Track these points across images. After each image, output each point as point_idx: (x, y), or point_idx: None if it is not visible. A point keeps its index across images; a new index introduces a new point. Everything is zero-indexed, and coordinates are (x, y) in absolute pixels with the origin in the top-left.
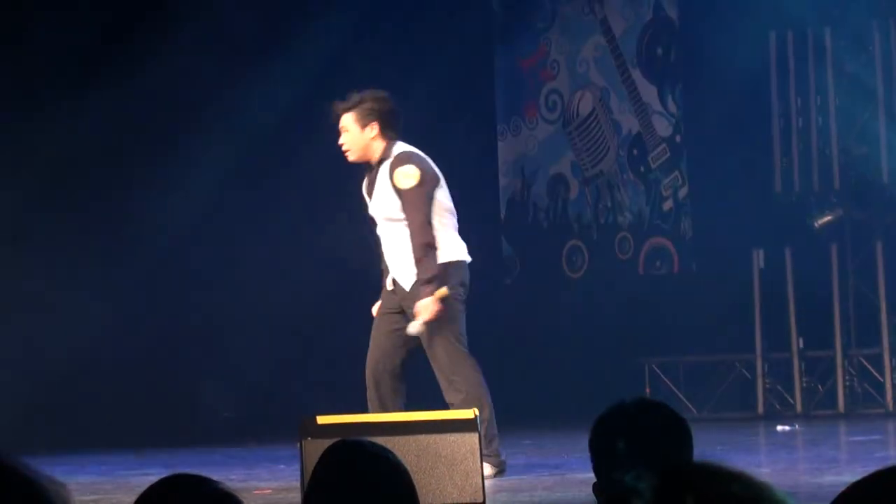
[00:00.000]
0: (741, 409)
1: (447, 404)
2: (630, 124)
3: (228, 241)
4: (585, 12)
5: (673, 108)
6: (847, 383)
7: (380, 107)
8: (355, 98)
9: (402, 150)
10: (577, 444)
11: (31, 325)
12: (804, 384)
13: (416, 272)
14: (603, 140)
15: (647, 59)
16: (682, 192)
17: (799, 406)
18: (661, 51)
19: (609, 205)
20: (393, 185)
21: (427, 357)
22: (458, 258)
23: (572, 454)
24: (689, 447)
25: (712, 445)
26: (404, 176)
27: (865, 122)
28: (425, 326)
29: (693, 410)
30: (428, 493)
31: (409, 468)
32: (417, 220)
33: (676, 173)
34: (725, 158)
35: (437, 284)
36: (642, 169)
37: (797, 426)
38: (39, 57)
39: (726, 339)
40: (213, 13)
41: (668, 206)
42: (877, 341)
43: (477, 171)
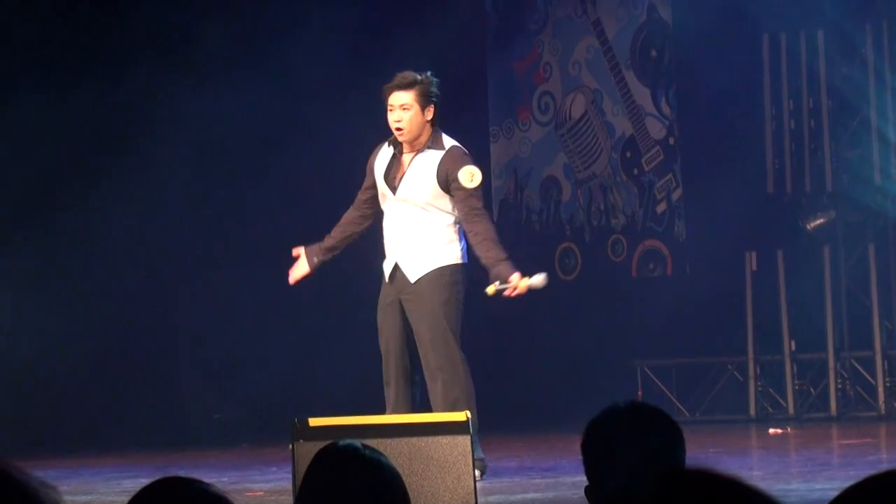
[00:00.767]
0: (733, 412)
1: (430, 400)
2: (623, 126)
3: (217, 240)
4: (578, 14)
5: (666, 110)
6: (839, 386)
7: (439, 91)
8: (418, 76)
9: (453, 143)
10: (569, 447)
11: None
12: (796, 387)
13: (505, 257)
14: (596, 142)
15: (640, 60)
16: (675, 195)
17: (791, 409)
18: (654, 53)
19: (602, 207)
20: (449, 178)
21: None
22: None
23: (564, 457)
24: (682, 450)
25: (704, 448)
26: (472, 174)
27: (858, 125)
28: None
29: (685, 413)
30: (420, 495)
31: (401, 471)
32: (487, 216)
33: (670, 176)
34: (718, 161)
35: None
36: (635, 171)
37: (789, 429)
38: None
39: (719, 342)
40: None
41: (661, 208)
42: (869, 344)
43: None
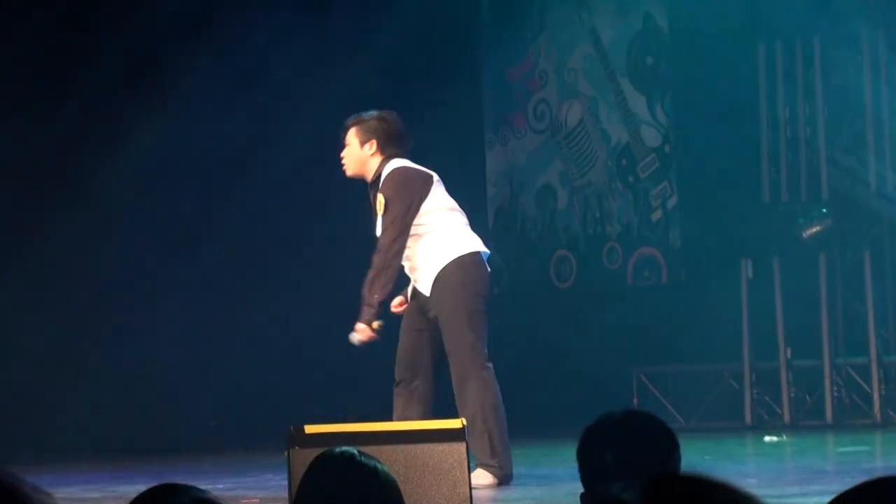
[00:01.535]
0: (729, 419)
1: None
2: (619, 134)
3: (214, 247)
4: (573, 21)
5: (662, 117)
6: (835, 393)
7: (381, 126)
8: (361, 115)
9: (392, 168)
10: (565, 454)
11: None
12: (792, 394)
13: (366, 301)
14: (591, 150)
15: (636, 68)
16: (671, 202)
17: (787, 416)
18: (650, 60)
19: (597, 215)
20: (383, 200)
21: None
22: (473, 249)
23: (560, 464)
24: (677, 457)
25: (700, 455)
26: (380, 202)
27: (854, 133)
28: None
29: (681, 420)
30: (416, 503)
31: (397, 478)
32: (384, 251)
33: (665, 183)
34: (714, 168)
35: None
36: (631, 179)
37: (785, 436)
38: None
39: (714, 349)
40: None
41: (656, 216)
42: (865, 351)
43: (465, 181)
